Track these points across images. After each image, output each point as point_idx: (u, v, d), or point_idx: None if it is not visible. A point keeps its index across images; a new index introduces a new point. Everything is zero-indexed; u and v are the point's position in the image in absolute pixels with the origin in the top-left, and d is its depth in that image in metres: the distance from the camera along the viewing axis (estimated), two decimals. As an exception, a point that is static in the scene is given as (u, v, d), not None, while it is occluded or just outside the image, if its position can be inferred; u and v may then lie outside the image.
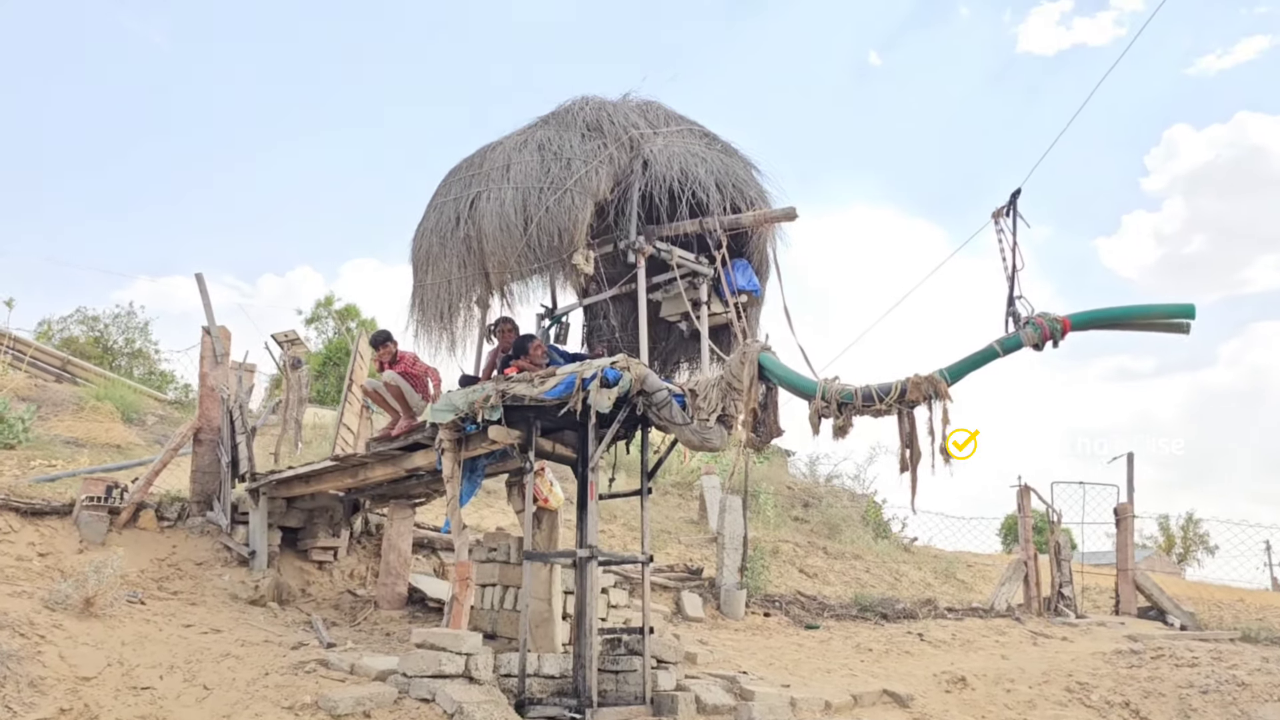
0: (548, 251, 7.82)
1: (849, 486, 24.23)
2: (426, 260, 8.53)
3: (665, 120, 8.60)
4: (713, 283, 8.67)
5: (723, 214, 8.04)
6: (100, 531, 9.68)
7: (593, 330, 9.93)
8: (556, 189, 7.81)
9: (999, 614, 13.97)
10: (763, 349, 7.10)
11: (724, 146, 8.64)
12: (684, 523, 17.03)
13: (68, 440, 16.03)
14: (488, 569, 9.78)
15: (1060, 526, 15.48)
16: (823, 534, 19.85)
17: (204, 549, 10.26)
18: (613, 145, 8.06)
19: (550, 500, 9.58)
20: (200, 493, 10.82)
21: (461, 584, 8.31)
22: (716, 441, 7.54)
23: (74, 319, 30.17)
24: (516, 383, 7.82)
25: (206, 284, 11.13)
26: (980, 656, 11.50)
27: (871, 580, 15.96)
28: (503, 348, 8.63)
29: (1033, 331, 6.34)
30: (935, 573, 17.95)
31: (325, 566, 10.92)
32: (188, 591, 9.42)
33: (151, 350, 29.96)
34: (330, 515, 11.03)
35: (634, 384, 7.40)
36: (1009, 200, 6.68)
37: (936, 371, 6.45)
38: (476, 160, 8.55)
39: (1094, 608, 16.13)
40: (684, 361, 9.79)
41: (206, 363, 11.14)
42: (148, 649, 7.48)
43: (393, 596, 10.29)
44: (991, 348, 6.44)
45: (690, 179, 7.94)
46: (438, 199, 8.65)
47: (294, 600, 10.10)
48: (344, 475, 9.69)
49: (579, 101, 8.61)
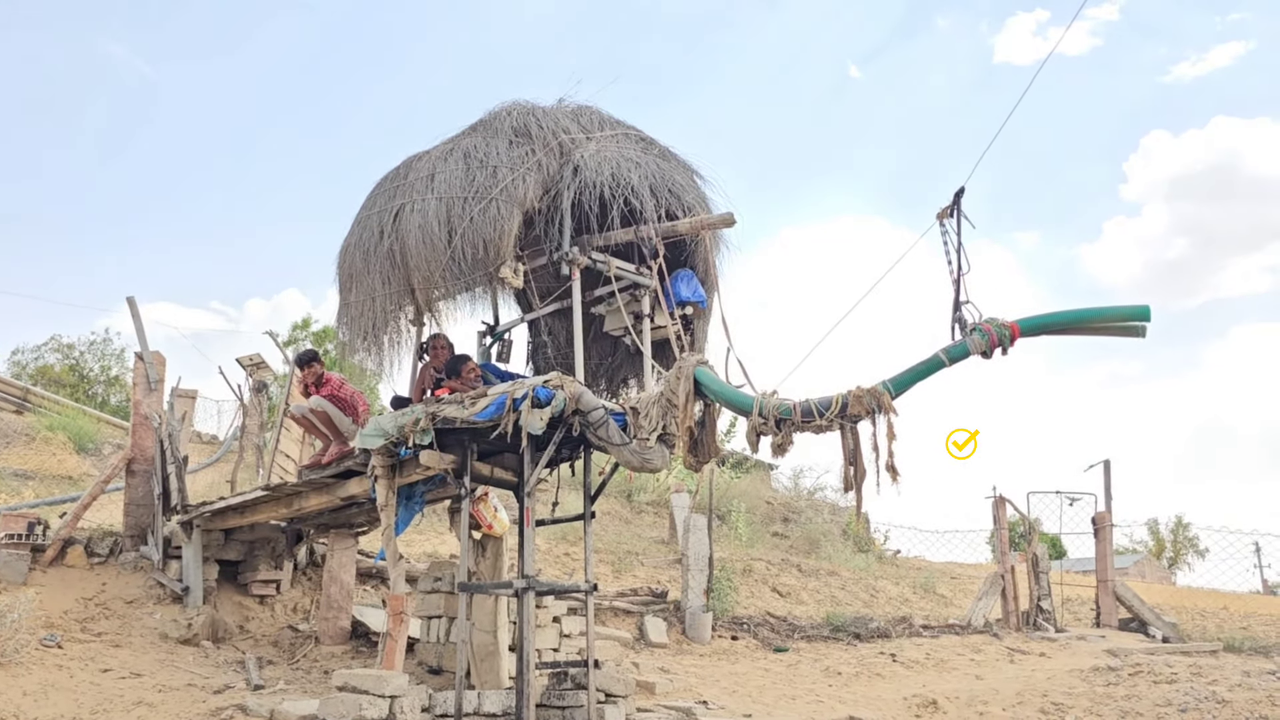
0: (474, 264, 7.39)
1: (832, 499, 23.83)
2: (350, 277, 8.09)
3: (600, 125, 8.21)
4: (655, 294, 8.26)
5: (658, 221, 7.63)
6: (21, 571, 9.18)
7: (536, 347, 9.50)
8: (481, 198, 7.39)
9: (976, 630, 13.56)
10: (699, 363, 6.68)
11: (662, 151, 8.24)
12: (654, 543, 16.57)
13: (16, 472, 15.54)
14: (434, 600, 9.34)
15: (1038, 536, 15.08)
16: (802, 549, 19.42)
17: (135, 586, 9.77)
18: (541, 151, 7.65)
19: (495, 526, 9.12)
20: (134, 526, 10.32)
21: (395, 619, 7.84)
22: (657, 462, 7.12)
23: (48, 347, 29.64)
24: (447, 404, 7.39)
25: (139, 308, 10.66)
26: (954, 677, 11.07)
27: (846, 598, 15.52)
28: (435, 366, 8.20)
29: (980, 339, 5.93)
30: (914, 587, 17.51)
31: (266, 601, 10.42)
32: (113, 632, 8.92)
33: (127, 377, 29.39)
34: (272, 547, 10.55)
35: (568, 403, 6.98)
36: (953, 200, 6.29)
37: (880, 384, 6.04)
38: (402, 171, 8.13)
39: (1075, 620, 15.73)
40: (631, 377, 9.37)
41: (139, 389, 10.65)
42: (51, 699, 6.98)
43: (335, 631, 9.81)
44: (937, 357, 6.04)
45: (622, 185, 7.53)
46: (362, 213, 8.22)
47: (230, 638, 9.60)
48: (278, 505, 9.22)
49: (508, 106, 8.20)
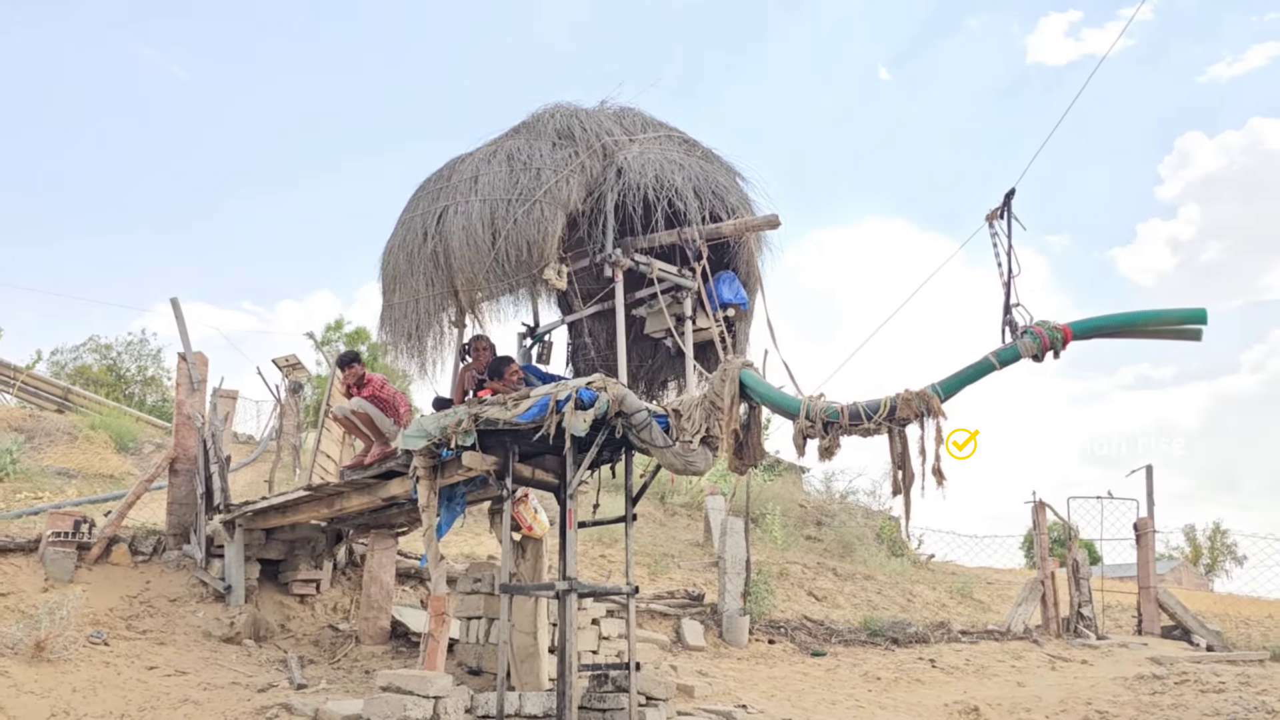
0: (517, 266, 7.39)
1: (864, 503, 23.67)
2: (394, 279, 8.13)
3: (643, 127, 8.19)
4: (697, 296, 8.23)
5: (701, 223, 7.60)
6: (68, 569, 9.29)
7: (577, 349, 9.50)
8: (525, 200, 7.39)
9: (1016, 636, 13.40)
10: (744, 365, 6.64)
11: (705, 153, 8.21)
12: (689, 545, 16.53)
13: (59, 471, 15.73)
14: (473, 601, 9.36)
15: (1078, 542, 14.87)
16: (836, 553, 19.28)
17: (179, 584, 9.86)
18: (585, 153, 7.64)
19: (535, 528, 9.15)
20: (177, 525, 10.43)
21: (436, 619, 7.87)
22: (701, 464, 7.10)
23: (86, 348, 30.08)
24: (490, 406, 7.40)
25: (182, 309, 10.78)
26: (995, 684, 10.95)
27: (883, 602, 15.40)
28: (478, 368, 8.21)
29: (1031, 341, 5.84)
30: (951, 592, 17.34)
31: (307, 600, 10.49)
32: (158, 630, 9.02)
33: (164, 378, 29.76)
34: (312, 546, 10.62)
35: (611, 405, 6.96)
36: (1003, 201, 6.21)
37: (929, 387, 5.97)
38: (445, 173, 8.15)
39: (1116, 627, 15.50)
40: (671, 380, 9.34)
41: (182, 390, 10.76)
42: (100, 696, 7.06)
43: (375, 631, 9.85)
44: (987, 360, 5.96)
45: (666, 186, 7.50)
46: (405, 214, 8.25)
47: (272, 637, 9.68)
48: (320, 505, 9.28)
49: (550, 109, 8.20)
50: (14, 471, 14.13)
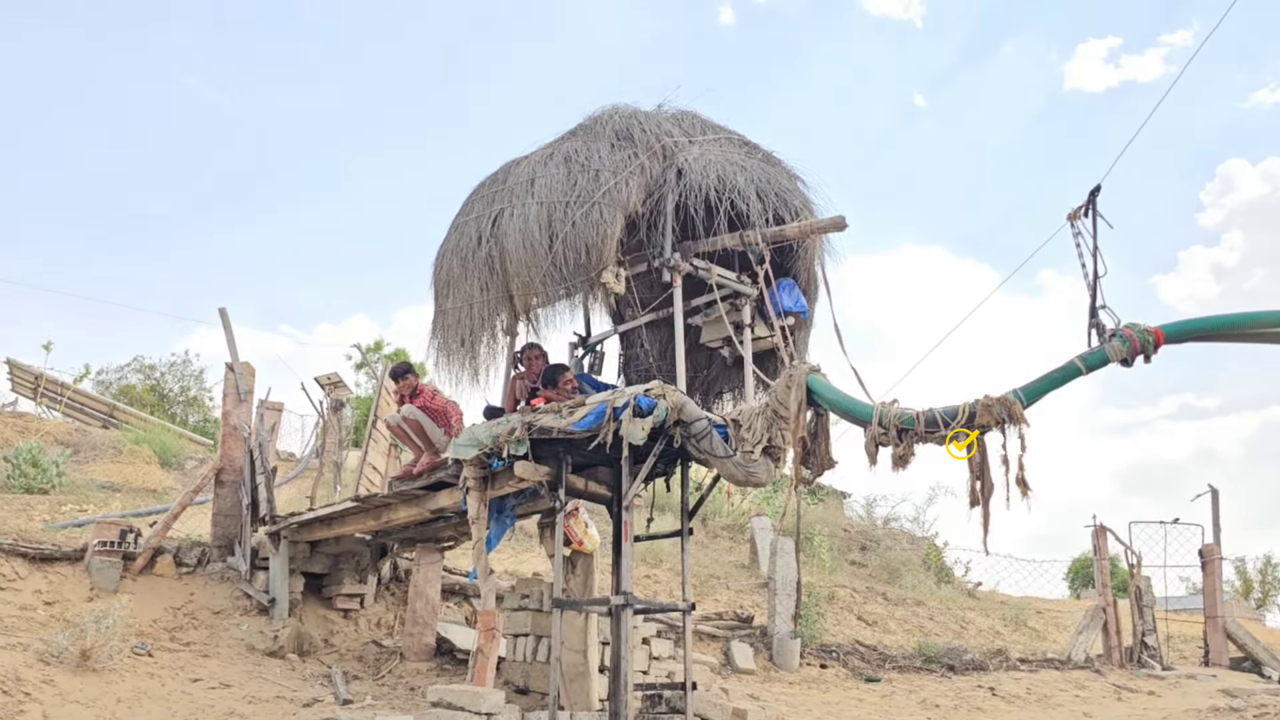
0: (575, 270, 7.20)
1: (908, 529, 23.18)
2: (447, 284, 7.96)
3: (701, 129, 7.99)
4: (756, 304, 7.98)
5: (765, 225, 7.37)
6: (113, 578, 9.18)
7: (629, 359, 9.27)
8: (584, 202, 7.20)
9: (1077, 665, 12.91)
10: (811, 371, 6.38)
11: (765, 155, 7.99)
12: (734, 567, 16.18)
13: (103, 484, 15.74)
14: (520, 618, 9.11)
15: (1141, 570, 14.35)
16: (882, 578, 18.82)
17: (223, 597, 9.72)
18: (644, 154, 7.45)
19: (585, 543, 8.90)
20: (221, 537, 10.29)
21: (486, 635, 7.64)
22: (763, 476, 6.80)
23: (131, 367, 30.42)
24: (543, 414, 7.19)
25: (230, 319, 10.69)
26: (1059, 714, 10.51)
27: (935, 628, 14.95)
28: (530, 376, 8.01)
29: (1120, 345, 5.53)
30: (1004, 620, 16.82)
31: (350, 615, 10.30)
32: (201, 642, 8.86)
33: (205, 398, 29.99)
34: (357, 560, 10.43)
35: (670, 413, 6.72)
36: (1087, 199, 5.93)
37: (1010, 392, 5.66)
38: (500, 176, 7.99)
39: (1180, 658, 14.93)
40: (727, 391, 9.08)
41: (229, 400, 10.66)
42: (145, 707, 6.89)
43: (420, 647, 9.63)
44: (1073, 364, 5.65)
45: (729, 188, 7.29)
46: (459, 218, 8.10)
47: (315, 651, 9.49)
48: (366, 517, 9.10)
49: (608, 111, 8.02)
50: (60, 484, 14.13)
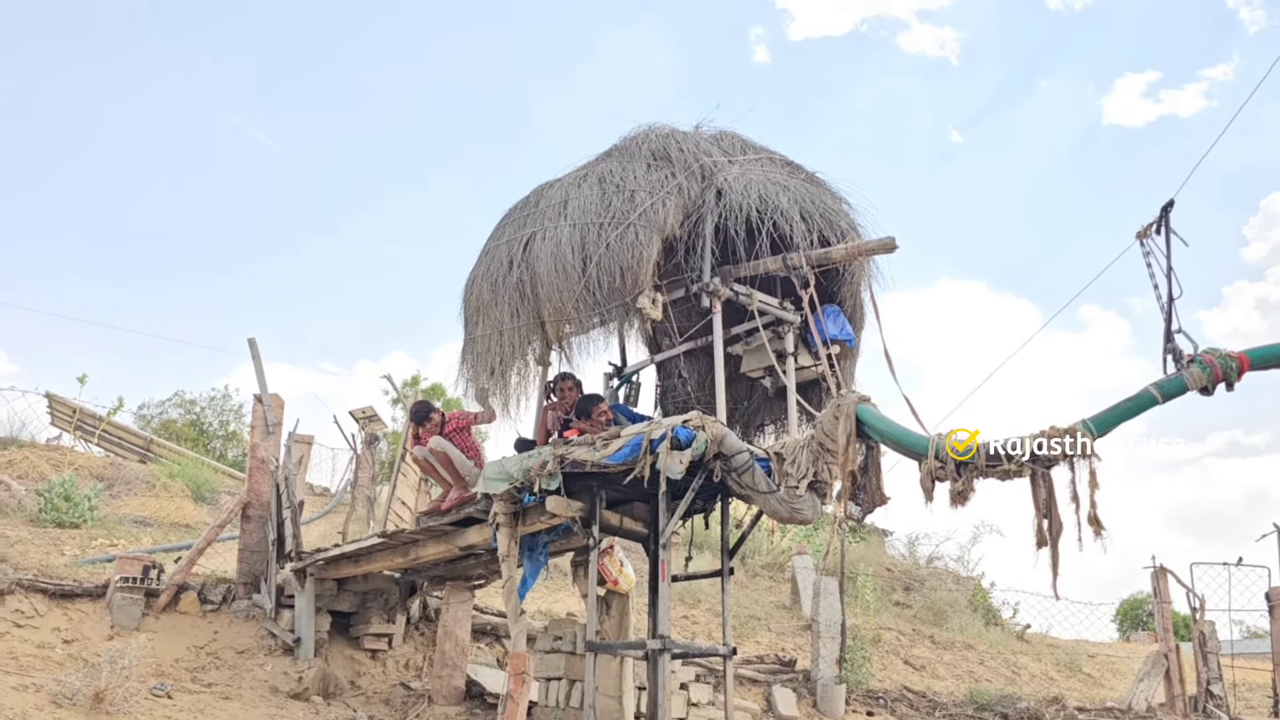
0: (609, 294, 6.88)
1: (952, 568, 22.46)
2: (477, 310, 7.67)
3: (742, 149, 7.68)
4: (799, 332, 7.61)
5: (809, 248, 7.01)
6: (134, 616, 8.91)
7: (666, 390, 8.91)
8: (618, 224, 6.90)
9: (1139, 715, 12.24)
10: (860, 400, 5.99)
11: (809, 175, 7.66)
12: (775, 607, 15.64)
13: (136, 519, 15.58)
14: (552, 660, 8.72)
15: (1204, 614, 13.64)
16: (927, 620, 18.16)
17: (247, 635, 9.41)
18: (682, 174, 7.15)
19: (620, 582, 8.51)
20: (247, 573, 10.02)
21: (516, 679, 7.26)
22: (808, 513, 6.39)
23: (172, 402, 30.64)
24: (577, 446, 6.85)
25: (259, 350, 10.50)
26: (1124, 768, 9.88)
27: (986, 674, 14.30)
28: (563, 407, 7.68)
29: (1200, 372, 5.11)
30: (1057, 665, 16.10)
31: (378, 655, 9.95)
32: (224, 684, 8.54)
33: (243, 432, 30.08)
34: (385, 598, 10.10)
35: (710, 445, 6.35)
36: (1159, 216, 5.53)
37: (1079, 423, 5.26)
38: (532, 199, 7.72)
39: (1247, 708, 14.14)
40: (769, 423, 8.69)
41: (257, 432, 10.43)
42: (158, 753, 6.58)
43: (448, 690, 9.24)
44: (1148, 393, 5.23)
45: (771, 208, 6.96)
46: (490, 243, 7.82)
47: (341, 694, 9.13)
48: (394, 554, 8.78)
49: (645, 131, 7.74)
50: (91, 519, 13.97)
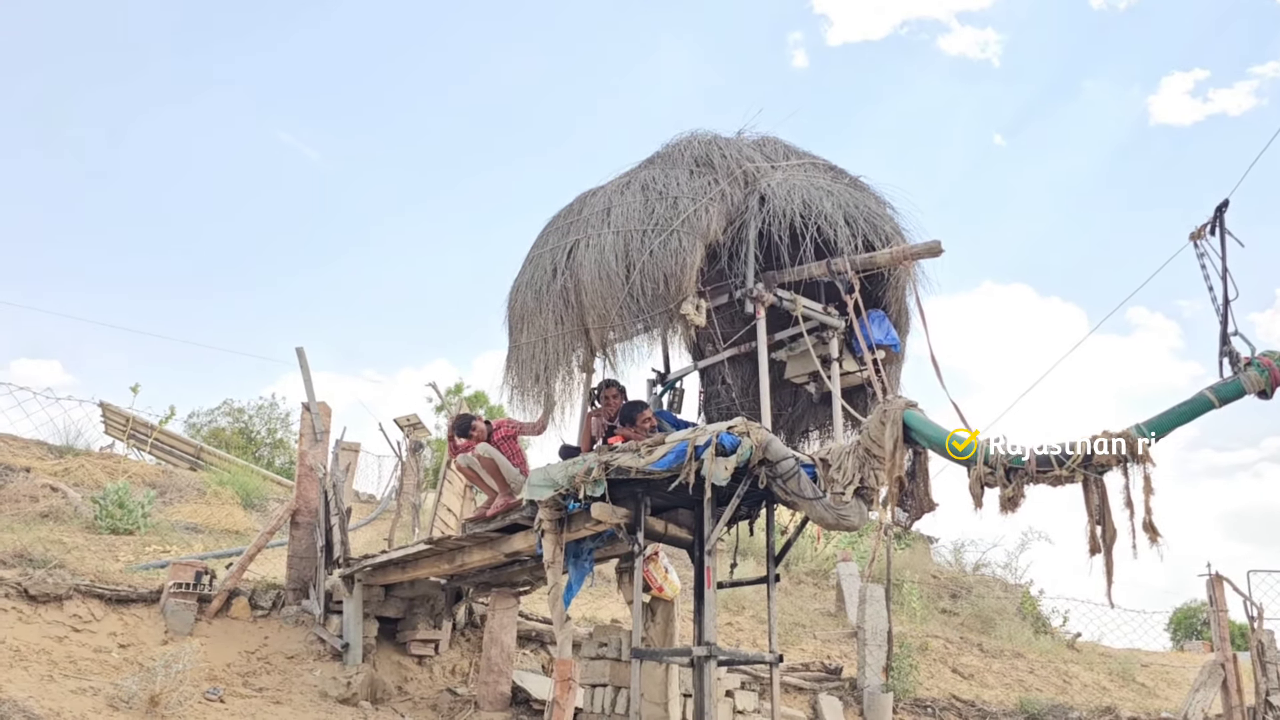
0: (653, 301, 6.88)
1: (1000, 575, 22.14)
2: (521, 318, 7.73)
3: (785, 155, 7.66)
4: (844, 337, 7.56)
5: (854, 253, 6.97)
6: (188, 621, 9.08)
7: (710, 397, 8.90)
8: (661, 230, 6.91)
9: (1195, 726, 11.94)
10: (908, 405, 5.93)
11: (852, 180, 7.62)
12: (820, 615, 15.52)
13: (187, 526, 15.86)
14: (597, 667, 8.73)
15: (1262, 623, 13.30)
16: (975, 628, 17.91)
17: (296, 641, 9.54)
18: (725, 180, 7.14)
19: (665, 589, 8.51)
20: (296, 579, 10.16)
21: (562, 685, 7.27)
22: (855, 519, 6.34)
23: (221, 410, 31.22)
24: (621, 453, 6.86)
25: (307, 359, 10.65)
26: (1181, 780, 9.66)
27: (1037, 683, 14.07)
28: (607, 414, 7.69)
29: (1258, 375, 5.00)
30: (1109, 674, 15.80)
31: (425, 661, 10.03)
32: (274, 688, 8.67)
33: (291, 440, 30.56)
34: (431, 605, 10.18)
35: (755, 451, 6.33)
36: (1213, 216, 5.41)
37: (1133, 428, 5.17)
38: (575, 207, 7.76)
39: (1308, 719, 13.77)
40: (814, 429, 8.64)
41: (305, 440, 10.58)
42: (212, 757, 6.68)
43: (494, 696, 9.29)
44: (1204, 397, 5.13)
45: (815, 213, 6.93)
46: (534, 251, 7.88)
47: (389, 699, 9.22)
48: (440, 560, 8.85)
49: (687, 138, 7.75)
50: (145, 525, 14.24)
